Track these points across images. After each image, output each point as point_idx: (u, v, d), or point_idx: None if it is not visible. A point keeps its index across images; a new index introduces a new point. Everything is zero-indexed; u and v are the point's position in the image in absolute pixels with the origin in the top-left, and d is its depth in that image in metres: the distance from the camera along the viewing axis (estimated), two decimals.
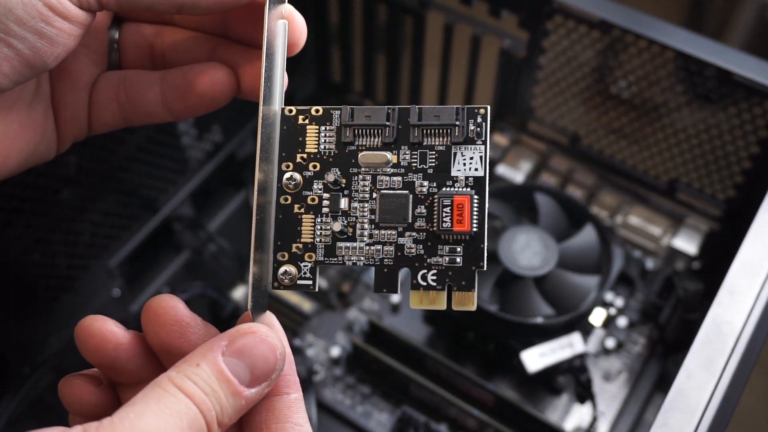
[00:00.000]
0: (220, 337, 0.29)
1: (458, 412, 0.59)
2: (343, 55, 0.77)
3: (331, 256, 0.32)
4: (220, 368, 0.28)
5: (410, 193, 0.32)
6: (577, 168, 0.69)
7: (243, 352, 0.28)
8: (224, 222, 0.71)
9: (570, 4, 0.58)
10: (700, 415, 0.39)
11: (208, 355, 0.28)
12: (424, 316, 0.65)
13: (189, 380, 0.27)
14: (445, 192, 0.32)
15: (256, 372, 0.28)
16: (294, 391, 0.31)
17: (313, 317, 0.67)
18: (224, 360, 0.28)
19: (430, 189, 0.32)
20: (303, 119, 0.33)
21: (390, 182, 0.32)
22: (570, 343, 0.59)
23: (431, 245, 0.32)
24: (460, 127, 0.32)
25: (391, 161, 0.32)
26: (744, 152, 0.59)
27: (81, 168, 0.57)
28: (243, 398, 0.28)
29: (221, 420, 0.27)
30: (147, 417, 0.26)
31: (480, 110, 0.32)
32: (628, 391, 0.63)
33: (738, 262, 0.44)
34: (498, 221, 0.63)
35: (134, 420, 0.26)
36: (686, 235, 0.66)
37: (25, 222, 0.54)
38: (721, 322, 0.41)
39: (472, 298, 0.31)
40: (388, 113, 0.32)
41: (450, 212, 0.31)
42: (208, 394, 0.27)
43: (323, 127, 0.33)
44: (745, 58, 0.55)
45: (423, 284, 0.32)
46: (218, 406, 0.27)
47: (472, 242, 0.31)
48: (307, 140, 0.33)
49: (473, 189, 0.32)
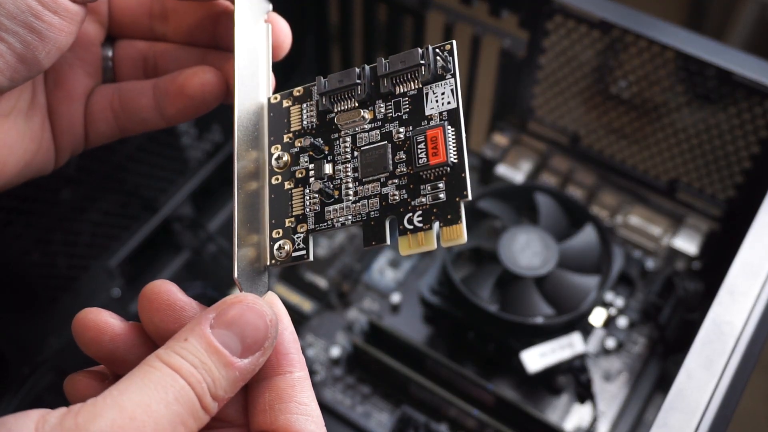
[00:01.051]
0: (208, 311, 0.28)
1: (458, 412, 0.59)
2: (343, 55, 0.77)
3: (320, 222, 0.32)
4: (209, 340, 0.27)
5: (388, 142, 0.32)
6: (577, 168, 0.69)
7: (232, 322, 0.28)
8: (224, 222, 0.71)
9: (570, 4, 0.58)
10: (701, 416, 0.39)
11: (196, 329, 0.28)
12: (424, 316, 0.65)
13: (176, 354, 0.27)
14: (418, 130, 0.32)
15: (247, 341, 0.28)
16: (298, 370, 0.30)
17: (313, 317, 0.67)
18: (213, 332, 0.27)
19: (407, 134, 0.32)
20: (287, 103, 0.35)
21: (369, 137, 0.33)
22: (570, 343, 0.59)
23: (413, 187, 0.31)
24: (427, 65, 0.32)
25: (367, 118, 0.33)
26: (744, 152, 0.59)
27: (81, 168, 0.57)
28: (236, 369, 0.27)
29: (215, 393, 0.27)
30: (130, 393, 0.26)
31: (446, 46, 0.33)
32: (628, 391, 0.63)
33: (738, 262, 0.44)
34: (498, 221, 0.63)
35: (117, 397, 0.25)
36: (686, 235, 0.66)
37: (25, 222, 0.54)
38: (721, 322, 0.41)
39: (460, 231, 0.30)
40: (358, 72, 0.33)
41: (425, 147, 0.31)
42: (197, 367, 0.27)
43: (304, 104, 0.34)
44: (746, 58, 0.55)
45: (410, 228, 0.30)
46: (210, 378, 0.27)
47: (453, 173, 0.30)
48: (292, 120, 0.34)
49: (446, 121, 0.31)
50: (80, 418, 0.25)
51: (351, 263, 0.70)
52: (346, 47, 0.76)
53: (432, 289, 0.61)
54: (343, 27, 0.74)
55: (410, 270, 0.70)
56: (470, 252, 0.63)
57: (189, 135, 0.66)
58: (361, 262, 0.70)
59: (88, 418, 0.25)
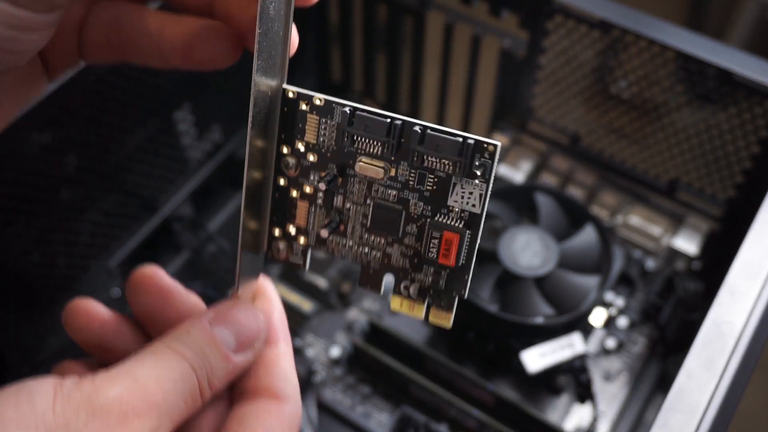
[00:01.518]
0: (207, 311, 0.31)
1: (458, 412, 0.59)
2: (343, 55, 0.77)
3: (321, 245, 0.33)
4: (209, 333, 0.30)
5: (403, 209, 0.31)
6: (577, 168, 0.69)
7: (229, 321, 0.30)
8: (224, 222, 0.71)
9: (570, 4, 0.58)
10: (701, 416, 0.39)
11: (197, 323, 0.30)
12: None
13: (181, 343, 0.29)
14: (436, 223, 0.30)
15: (241, 338, 0.30)
16: (284, 345, 0.33)
17: (313, 317, 0.67)
18: (213, 328, 0.30)
19: (424, 212, 0.31)
20: (304, 106, 0.31)
21: (385, 193, 0.31)
22: (570, 343, 0.59)
23: (417, 263, 0.32)
24: (462, 162, 0.29)
25: (388, 173, 0.31)
26: (744, 152, 0.59)
27: (81, 168, 0.56)
28: (231, 363, 0.30)
29: (211, 381, 0.29)
30: (142, 367, 0.28)
31: (489, 146, 0.29)
32: (628, 391, 0.63)
33: (738, 262, 0.44)
34: (498, 221, 0.63)
35: (129, 369, 0.28)
36: (686, 235, 0.66)
37: (25, 222, 0.54)
38: (721, 322, 0.41)
39: (449, 318, 0.32)
40: (387, 127, 0.30)
41: (437, 245, 0.31)
42: (200, 356, 0.29)
43: (324, 119, 0.31)
44: (746, 57, 0.55)
45: (404, 293, 0.32)
46: (209, 367, 0.29)
47: (457, 272, 0.31)
48: (307, 129, 0.32)
49: (467, 225, 0.30)
50: (97, 383, 0.27)
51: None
52: (346, 47, 0.76)
53: None
54: (343, 27, 0.74)
55: None
56: None
57: (189, 135, 0.66)
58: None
59: (104, 383, 0.27)
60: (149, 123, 0.61)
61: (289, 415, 0.31)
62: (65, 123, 0.53)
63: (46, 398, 0.26)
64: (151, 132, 0.62)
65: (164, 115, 0.63)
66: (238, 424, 0.31)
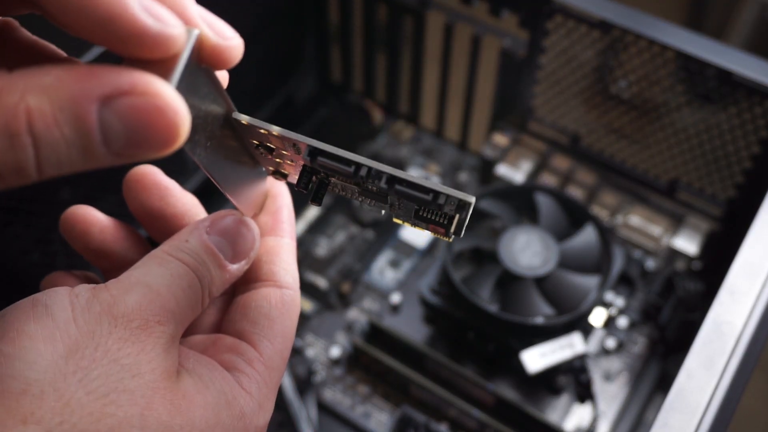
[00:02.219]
0: (203, 220, 0.31)
1: (458, 412, 0.59)
2: (343, 55, 0.77)
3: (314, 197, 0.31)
4: (208, 243, 0.30)
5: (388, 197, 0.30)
6: (577, 168, 0.69)
7: (225, 231, 0.31)
8: None
9: (570, 4, 0.58)
10: (701, 416, 0.39)
11: (194, 232, 0.30)
12: (424, 316, 0.65)
13: (184, 252, 0.29)
14: (421, 216, 0.30)
15: (237, 248, 0.31)
16: (289, 238, 0.34)
17: (313, 317, 0.67)
18: (209, 237, 0.30)
19: (408, 205, 0.30)
20: (262, 131, 0.29)
21: (366, 192, 0.30)
22: (570, 343, 0.59)
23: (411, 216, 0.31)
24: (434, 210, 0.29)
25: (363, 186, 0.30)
26: (744, 152, 0.59)
27: None
28: (227, 272, 0.30)
29: (211, 290, 0.30)
30: (152, 275, 0.28)
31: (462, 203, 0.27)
32: (628, 391, 0.63)
33: (739, 262, 0.44)
34: (498, 221, 0.63)
35: (141, 277, 0.28)
36: (687, 235, 0.66)
37: (25, 222, 0.54)
38: (721, 322, 0.41)
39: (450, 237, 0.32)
40: (353, 174, 0.28)
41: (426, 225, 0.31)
42: (202, 265, 0.29)
43: (285, 143, 0.29)
44: (746, 57, 0.55)
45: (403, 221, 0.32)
46: (210, 277, 0.30)
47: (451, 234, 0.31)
48: (272, 142, 0.30)
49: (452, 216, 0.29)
50: (113, 291, 0.27)
51: (351, 263, 0.70)
52: (346, 47, 0.76)
53: (432, 289, 0.61)
54: (343, 27, 0.74)
55: (410, 270, 0.70)
56: (470, 252, 0.63)
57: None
58: (361, 262, 0.70)
59: (120, 291, 0.27)
60: None
61: (289, 301, 0.32)
62: None
63: (64, 310, 0.26)
64: None
65: None
66: (240, 314, 0.32)
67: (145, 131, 0.22)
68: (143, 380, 0.26)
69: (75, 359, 0.25)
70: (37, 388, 0.24)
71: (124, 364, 0.26)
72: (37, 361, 0.24)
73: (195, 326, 0.33)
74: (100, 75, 0.21)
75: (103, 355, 0.25)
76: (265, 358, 0.31)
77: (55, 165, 0.22)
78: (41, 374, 0.24)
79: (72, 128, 0.21)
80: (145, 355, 0.26)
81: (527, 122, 0.69)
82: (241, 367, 0.30)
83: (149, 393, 0.26)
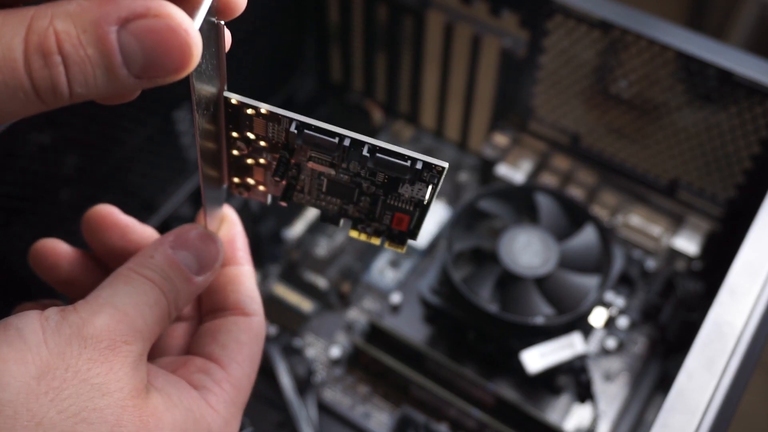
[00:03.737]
0: (167, 234, 0.32)
1: (458, 412, 0.59)
2: (343, 55, 0.77)
3: (283, 196, 0.33)
4: (173, 258, 0.31)
5: (356, 187, 0.32)
6: (577, 168, 0.69)
7: (190, 245, 0.32)
8: None
9: (570, 4, 0.58)
10: (701, 416, 0.39)
11: (159, 248, 0.31)
12: (424, 317, 0.65)
13: (147, 268, 0.30)
14: (387, 204, 0.32)
15: (202, 261, 0.32)
16: (248, 265, 0.35)
17: (313, 317, 0.67)
18: (174, 252, 0.31)
19: (377, 192, 0.32)
20: (251, 111, 0.31)
21: (337, 177, 0.32)
22: (570, 343, 0.59)
23: (372, 217, 0.33)
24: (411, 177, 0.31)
25: (339, 168, 0.31)
26: (745, 152, 0.59)
27: (81, 168, 0.56)
28: (194, 284, 0.31)
29: (177, 304, 0.31)
30: (119, 295, 0.29)
31: (436, 167, 0.30)
32: (628, 391, 0.63)
33: (739, 262, 0.44)
34: (498, 221, 0.63)
35: (107, 298, 0.28)
36: (687, 235, 0.66)
37: (25, 222, 0.54)
38: (722, 322, 0.41)
39: (403, 249, 0.35)
40: (337, 146, 0.30)
41: (390, 218, 0.33)
42: (167, 280, 0.30)
43: (271, 123, 0.31)
44: (746, 57, 0.55)
45: (361, 231, 0.35)
46: (175, 291, 0.30)
47: (409, 233, 0.34)
48: (255, 126, 0.31)
49: (416, 207, 0.32)
50: (82, 313, 0.27)
51: (351, 263, 0.70)
52: (346, 47, 0.76)
53: (432, 289, 0.61)
54: (343, 27, 0.74)
55: (410, 270, 0.70)
56: (470, 252, 0.63)
57: (189, 135, 0.66)
58: (361, 262, 0.70)
59: (89, 313, 0.28)
60: (149, 123, 0.61)
61: (257, 328, 0.34)
62: (65, 123, 0.53)
63: (35, 333, 0.26)
64: (150, 132, 0.62)
65: (164, 114, 0.63)
66: (209, 338, 0.33)
67: (160, 50, 0.23)
68: (112, 399, 0.27)
69: (47, 380, 0.26)
70: (11, 408, 0.25)
71: (94, 384, 0.26)
72: (10, 383, 0.25)
73: (164, 349, 0.35)
74: (118, 1, 0.23)
75: (73, 376, 0.26)
76: (233, 379, 0.32)
77: (83, 84, 0.23)
78: (14, 395, 0.25)
79: (95, 49, 0.23)
80: (113, 374, 0.27)
81: (527, 122, 0.69)
82: (209, 386, 0.31)
83: (118, 411, 0.27)
